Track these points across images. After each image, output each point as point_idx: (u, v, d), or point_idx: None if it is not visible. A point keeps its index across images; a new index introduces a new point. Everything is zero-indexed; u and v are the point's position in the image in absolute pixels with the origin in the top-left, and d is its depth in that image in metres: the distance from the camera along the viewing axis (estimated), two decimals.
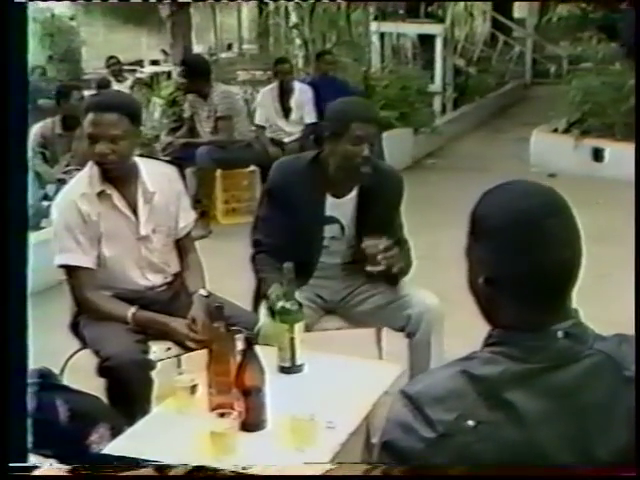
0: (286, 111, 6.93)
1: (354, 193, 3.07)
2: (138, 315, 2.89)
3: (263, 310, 3.00)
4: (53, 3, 14.17)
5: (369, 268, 2.94)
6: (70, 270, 2.95)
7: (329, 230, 3.09)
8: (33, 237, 4.93)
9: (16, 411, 1.65)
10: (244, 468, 1.63)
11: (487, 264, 1.37)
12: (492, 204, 1.39)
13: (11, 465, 1.56)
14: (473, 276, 1.40)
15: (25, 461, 1.64)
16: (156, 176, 3.03)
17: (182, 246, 3.13)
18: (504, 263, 1.34)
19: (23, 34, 1.67)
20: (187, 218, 3.14)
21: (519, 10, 17.34)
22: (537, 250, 1.32)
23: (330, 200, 3.06)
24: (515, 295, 1.35)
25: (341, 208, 3.08)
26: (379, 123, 3.05)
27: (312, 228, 3.06)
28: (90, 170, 2.97)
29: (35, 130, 6.36)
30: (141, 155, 3.20)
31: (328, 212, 3.07)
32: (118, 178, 2.95)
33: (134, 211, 2.99)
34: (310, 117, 6.95)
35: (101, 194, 2.94)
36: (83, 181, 2.98)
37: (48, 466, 1.68)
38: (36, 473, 1.57)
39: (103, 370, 2.75)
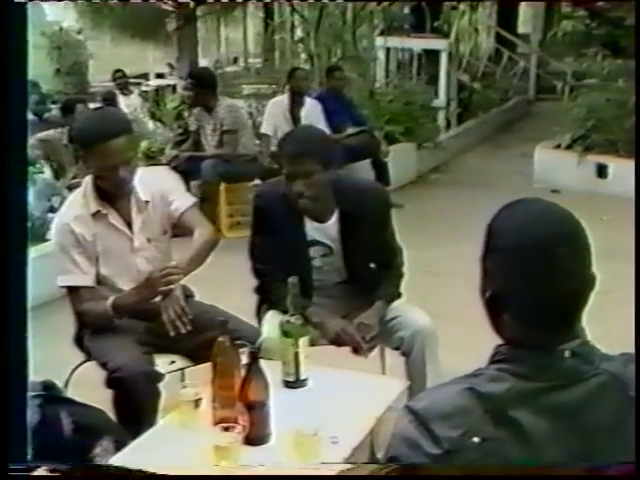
0: (295, 121, 6.92)
1: (335, 217, 3.06)
2: (116, 301, 2.87)
3: (266, 324, 3.00)
4: (61, 16, 14.25)
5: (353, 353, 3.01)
6: (71, 289, 2.96)
7: (316, 250, 3.09)
8: (38, 249, 4.94)
9: (16, 412, 1.63)
10: None
11: (494, 279, 1.37)
12: (508, 222, 1.38)
13: (11, 466, 1.55)
14: (483, 287, 1.40)
15: (24, 462, 1.63)
16: (148, 182, 3.01)
17: (184, 225, 3.05)
18: (510, 282, 1.34)
19: (23, 34, 1.65)
20: (179, 203, 3.05)
21: (523, 26, 17.38)
22: (544, 277, 1.32)
23: (313, 224, 3.05)
24: (519, 314, 1.34)
25: (325, 232, 3.07)
26: (314, 158, 2.89)
27: (297, 251, 3.06)
28: (85, 189, 2.96)
29: (40, 138, 6.40)
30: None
31: (313, 236, 3.06)
32: (115, 194, 2.94)
33: (129, 225, 2.99)
34: None
35: (96, 214, 2.94)
36: (77, 202, 2.98)
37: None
38: (36, 474, 1.55)
39: (111, 382, 2.75)
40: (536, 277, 1.31)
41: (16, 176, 1.65)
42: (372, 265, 3.17)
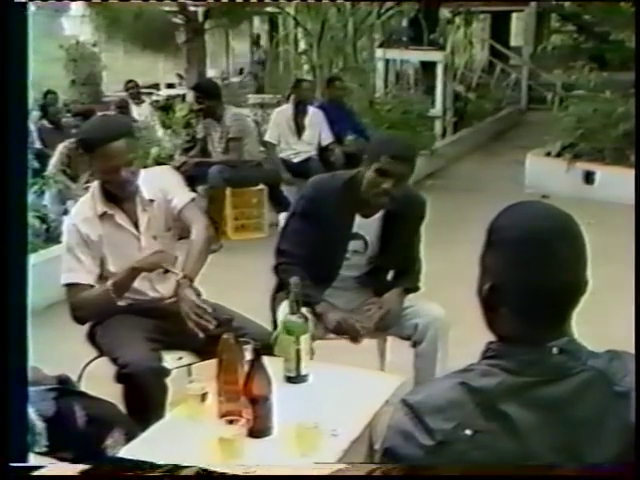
0: (299, 130, 6.94)
1: (380, 214, 3.09)
2: (114, 281, 2.86)
3: (281, 316, 2.97)
4: (78, 30, 14.28)
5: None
6: (71, 287, 2.93)
7: (353, 245, 3.11)
8: (53, 250, 4.93)
9: (16, 411, 1.60)
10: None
11: (494, 272, 1.37)
12: (510, 217, 1.39)
13: (11, 465, 1.52)
14: (481, 283, 1.39)
15: (25, 461, 1.60)
16: (151, 181, 3.01)
17: (183, 221, 3.03)
18: (509, 274, 1.34)
19: (23, 34, 1.61)
20: (177, 200, 3.02)
21: (515, 39, 17.40)
22: (542, 268, 1.32)
23: (358, 219, 3.09)
24: (515, 307, 1.34)
25: (367, 226, 3.10)
26: (411, 163, 3.01)
27: (339, 243, 3.09)
28: (93, 192, 2.97)
29: (60, 149, 6.45)
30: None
31: (355, 229, 3.09)
32: (120, 195, 2.94)
33: (135, 224, 2.99)
34: (327, 139, 6.96)
35: (103, 215, 2.94)
36: (85, 205, 2.98)
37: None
38: (36, 473, 1.52)
39: (121, 377, 2.74)
40: (533, 269, 1.32)
41: (16, 179, 1.60)
42: (390, 274, 3.23)
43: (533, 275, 1.32)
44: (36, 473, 1.50)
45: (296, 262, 2.96)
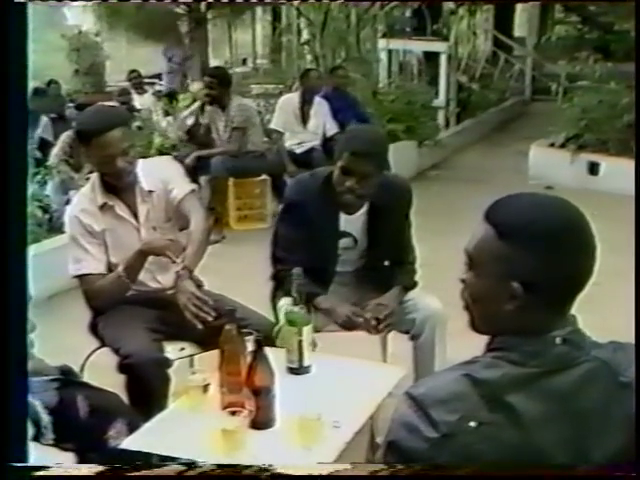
0: (305, 119, 6.91)
1: (365, 208, 3.05)
2: (125, 266, 2.87)
3: (282, 311, 2.96)
4: (81, 20, 14.26)
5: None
6: (83, 278, 2.93)
7: (342, 242, 3.09)
8: (56, 241, 4.94)
9: (16, 411, 1.59)
10: (264, 469, 1.56)
11: (522, 270, 1.31)
12: (524, 212, 1.34)
13: (11, 465, 1.51)
14: (496, 281, 1.34)
15: (25, 461, 1.59)
16: (151, 172, 3.00)
17: (182, 212, 3.01)
18: (539, 271, 1.30)
19: (23, 34, 1.60)
20: (177, 191, 3.01)
21: (519, 29, 17.33)
22: (572, 258, 1.30)
23: (343, 217, 3.06)
24: (544, 300, 1.32)
25: (353, 223, 3.07)
26: (375, 160, 2.90)
27: (328, 243, 3.06)
28: (92, 184, 2.96)
29: (63, 138, 6.45)
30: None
31: (342, 227, 3.06)
32: (119, 186, 2.93)
33: (135, 215, 2.98)
34: (332, 129, 6.94)
35: (103, 206, 2.93)
36: (85, 196, 2.98)
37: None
38: (36, 473, 1.50)
39: (123, 367, 2.74)
40: (567, 257, 1.30)
41: (16, 173, 1.60)
42: (386, 262, 3.18)
43: (558, 269, 1.29)
44: (37, 473, 1.49)
45: (294, 268, 2.91)
